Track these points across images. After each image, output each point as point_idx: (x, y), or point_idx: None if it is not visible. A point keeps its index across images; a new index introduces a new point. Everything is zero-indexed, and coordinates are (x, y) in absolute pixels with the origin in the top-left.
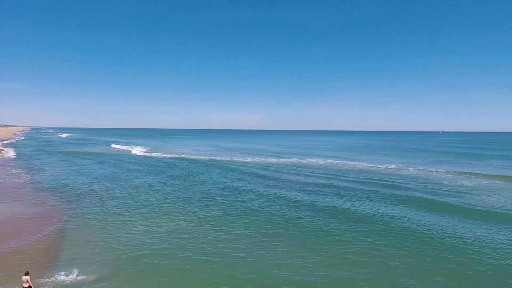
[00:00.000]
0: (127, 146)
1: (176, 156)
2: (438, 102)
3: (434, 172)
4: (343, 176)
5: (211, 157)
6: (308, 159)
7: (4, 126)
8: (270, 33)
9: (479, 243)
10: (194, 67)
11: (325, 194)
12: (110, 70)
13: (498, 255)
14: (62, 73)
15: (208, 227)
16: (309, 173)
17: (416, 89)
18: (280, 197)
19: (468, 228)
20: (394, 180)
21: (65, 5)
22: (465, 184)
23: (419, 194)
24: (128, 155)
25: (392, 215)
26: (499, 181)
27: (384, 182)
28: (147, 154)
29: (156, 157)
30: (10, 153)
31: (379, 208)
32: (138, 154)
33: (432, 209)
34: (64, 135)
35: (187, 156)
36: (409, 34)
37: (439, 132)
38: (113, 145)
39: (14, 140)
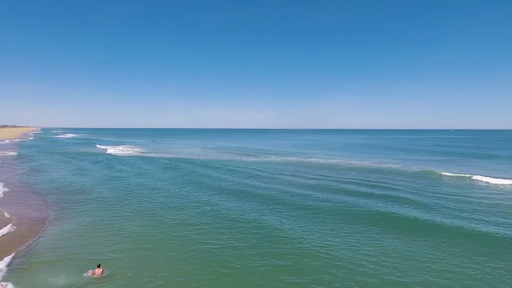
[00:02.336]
0: (108, 146)
1: (142, 155)
2: (451, 100)
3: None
4: (333, 178)
5: (176, 156)
6: (309, 159)
7: (15, 126)
8: (271, 31)
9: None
10: (195, 66)
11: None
12: (118, 70)
13: None
14: (72, 73)
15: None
16: (310, 175)
17: (427, 86)
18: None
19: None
20: (366, 182)
21: (73, 5)
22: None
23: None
24: (100, 154)
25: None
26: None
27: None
28: (118, 153)
29: (121, 156)
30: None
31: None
32: (113, 153)
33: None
34: (66, 136)
35: (155, 155)
36: (418, 30)
37: (451, 130)
38: (97, 145)
39: (17, 141)
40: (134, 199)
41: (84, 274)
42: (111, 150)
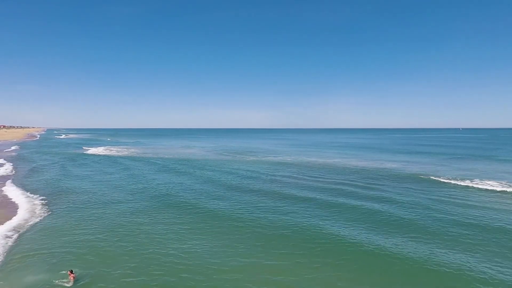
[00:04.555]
0: (92, 147)
1: (119, 155)
2: (460, 99)
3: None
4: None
5: (147, 155)
6: (307, 159)
7: (21, 127)
8: (271, 31)
9: None
10: (195, 66)
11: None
12: (120, 71)
13: None
14: (79, 75)
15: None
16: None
17: (434, 86)
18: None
19: None
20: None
21: (76, 5)
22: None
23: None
24: (80, 155)
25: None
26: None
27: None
28: (95, 153)
29: (95, 155)
30: None
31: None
32: (90, 153)
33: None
34: (66, 136)
35: (131, 154)
36: (421, 28)
37: (459, 129)
38: (83, 147)
39: (15, 141)
40: (103, 199)
41: (56, 281)
42: (90, 151)
